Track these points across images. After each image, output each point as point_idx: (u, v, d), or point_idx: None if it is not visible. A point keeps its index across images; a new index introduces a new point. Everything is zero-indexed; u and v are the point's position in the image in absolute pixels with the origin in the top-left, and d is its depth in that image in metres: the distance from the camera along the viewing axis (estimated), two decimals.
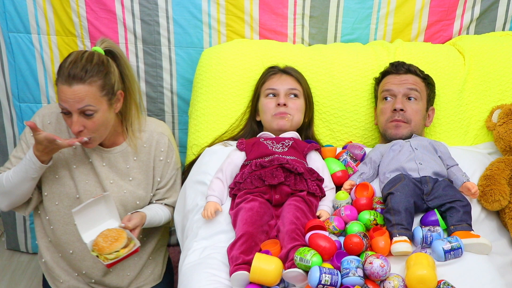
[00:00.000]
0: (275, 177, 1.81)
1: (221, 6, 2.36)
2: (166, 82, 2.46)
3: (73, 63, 1.73)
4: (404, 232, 1.66)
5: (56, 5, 2.31)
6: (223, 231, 1.80)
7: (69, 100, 1.72)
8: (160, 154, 2.02)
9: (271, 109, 2.09)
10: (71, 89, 1.71)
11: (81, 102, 1.73)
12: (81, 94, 1.72)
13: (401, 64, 2.15)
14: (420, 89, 2.10)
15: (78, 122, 1.76)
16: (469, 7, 2.45)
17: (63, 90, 1.72)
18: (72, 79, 1.71)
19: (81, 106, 1.74)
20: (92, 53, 1.79)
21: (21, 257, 2.77)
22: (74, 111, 1.75)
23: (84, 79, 1.72)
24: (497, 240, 1.87)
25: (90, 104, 1.75)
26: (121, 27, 2.36)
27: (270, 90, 2.12)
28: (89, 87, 1.73)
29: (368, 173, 1.94)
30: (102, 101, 1.79)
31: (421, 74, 2.15)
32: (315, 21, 2.42)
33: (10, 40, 2.36)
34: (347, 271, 1.50)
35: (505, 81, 2.31)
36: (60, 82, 1.73)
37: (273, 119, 2.07)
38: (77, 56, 1.76)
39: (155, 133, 2.02)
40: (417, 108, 2.07)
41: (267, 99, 2.12)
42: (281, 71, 2.18)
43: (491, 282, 1.58)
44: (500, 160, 2.03)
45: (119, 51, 1.88)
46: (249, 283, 1.57)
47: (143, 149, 2.00)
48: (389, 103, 2.09)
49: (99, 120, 1.79)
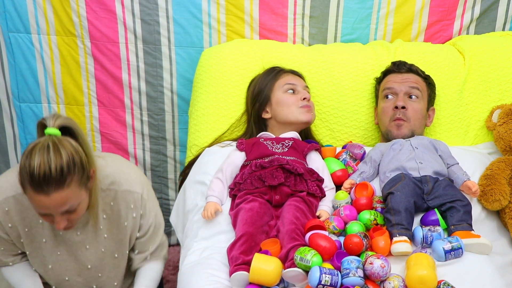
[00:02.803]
0: (275, 178, 1.81)
1: (221, 6, 2.36)
2: (166, 82, 2.46)
3: (43, 166, 1.47)
4: (404, 232, 1.66)
5: (56, 5, 2.31)
6: (223, 232, 1.80)
7: (50, 207, 1.53)
8: (131, 211, 1.81)
9: (296, 102, 2.06)
10: (49, 198, 1.50)
11: (64, 205, 1.54)
12: (63, 199, 1.53)
13: (403, 63, 2.16)
14: (421, 88, 2.10)
15: (62, 220, 1.59)
16: (469, 7, 2.45)
17: (38, 199, 1.50)
18: (47, 187, 1.49)
19: (65, 209, 1.56)
20: (56, 145, 1.50)
21: None
22: (56, 214, 1.57)
23: (62, 183, 1.50)
24: (497, 240, 1.88)
25: (73, 203, 1.57)
26: (121, 26, 2.36)
27: (289, 85, 2.10)
28: (69, 189, 1.53)
29: (368, 172, 1.94)
30: (82, 192, 1.60)
31: (422, 74, 2.15)
32: (315, 21, 2.42)
33: (10, 40, 2.36)
34: (347, 271, 1.50)
35: (505, 81, 2.31)
36: (33, 191, 1.49)
37: (301, 111, 2.06)
38: (43, 155, 1.48)
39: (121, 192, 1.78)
40: (418, 107, 2.07)
41: (286, 94, 2.08)
42: (290, 71, 2.18)
43: (491, 282, 1.58)
44: (500, 160, 2.04)
45: (74, 125, 1.59)
46: (248, 283, 1.57)
47: (111, 206, 1.79)
48: (390, 101, 2.09)
49: (82, 209, 1.64)
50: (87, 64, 2.43)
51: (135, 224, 1.83)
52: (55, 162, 1.48)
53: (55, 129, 1.53)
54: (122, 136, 2.55)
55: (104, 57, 2.41)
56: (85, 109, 2.50)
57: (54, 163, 1.48)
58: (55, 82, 2.44)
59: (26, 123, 2.48)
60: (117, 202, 1.79)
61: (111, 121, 2.53)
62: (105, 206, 1.79)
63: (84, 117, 2.51)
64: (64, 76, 2.44)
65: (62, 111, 2.50)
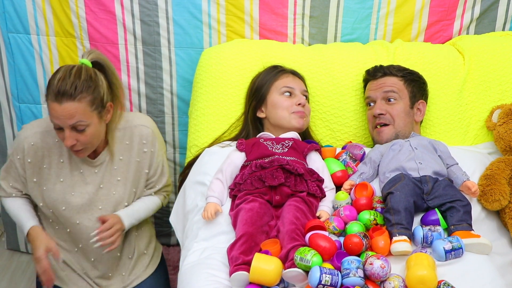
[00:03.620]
0: (275, 178, 1.81)
1: (221, 6, 2.36)
2: (166, 83, 2.46)
3: (62, 80, 1.74)
4: (404, 231, 1.66)
5: (55, 6, 2.31)
6: (223, 232, 1.79)
7: (60, 117, 1.75)
8: (143, 146, 2.03)
9: (290, 106, 2.07)
10: (61, 106, 1.73)
11: (72, 118, 1.75)
12: (72, 111, 1.74)
13: (377, 69, 2.17)
14: (398, 89, 2.09)
15: (70, 136, 1.79)
16: (469, 7, 2.45)
17: (53, 107, 1.74)
18: (61, 97, 1.73)
19: (73, 122, 1.76)
20: (80, 68, 1.79)
21: (21, 257, 2.77)
22: (66, 127, 1.77)
23: (74, 96, 1.74)
24: (497, 240, 1.88)
25: (81, 119, 1.77)
26: (120, 28, 2.36)
27: (287, 88, 2.10)
28: (79, 104, 1.75)
29: (368, 173, 1.94)
30: (93, 116, 1.81)
31: (400, 73, 2.14)
32: (315, 21, 2.42)
33: (9, 41, 2.36)
34: (347, 272, 1.50)
35: (505, 81, 2.31)
36: (50, 99, 1.75)
37: (293, 116, 2.06)
38: (65, 72, 1.76)
39: (135, 127, 2.02)
40: (398, 107, 2.08)
41: (282, 97, 2.09)
42: (291, 72, 2.17)
43: (491, 282, 1.58)
44: (500, 160, 2.04)
45: (106, 62, 1.88)
46: (248, 283, 1.57)
47: (126, 146, 2.01)
48: (371, 109, 2.13)
49: (91, 133, 1.82)
50: None
51: (146, 160, 2.04)
52: (73, 79, 1.74)
53: (87, 60, 1.82)
54: None
55: None
56: None
57: (72, 79, 1.74)
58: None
59: None
60: (132, 139, 2.01)
61: None
62: (122, 146, 2.00)
63: None
64: None
65: None
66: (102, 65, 1.87)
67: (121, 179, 2.02)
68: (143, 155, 2.03)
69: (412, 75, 2.15)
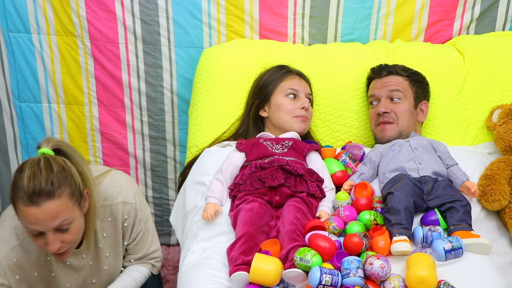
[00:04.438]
0: (275, 179, 1.81)
1: (221, 6, 2.36)
2: (166, 82, 2.46)
3: (33, 178, 1.49)
4: (404, 231, 1.66)
5: (56, 5, 2.31)
6: (223, 233, 1.80)
7: (40, 221, 1.51)
8: (125, 221, 1.83)
9: (293, 110, 2.07)
10: (40, 209, 1.49)
11: (55, 219, 1.53)
12: (54, 211, 1.52)
13: (383, 68, 2.17)
14: (403, 89, 2.10)
15: (55, 240, 1.56)
16: (469, 7, 2.45)
17: (29, 212, 1.50)
18: (38, 198, 1.49)
19: (57, 224, 1.54)
20: (48, 160, 1.54)
21: None
22: (48, 231, 1.55)
23: (52, 194, 1.51)
24: (497, 240, 1.88)
25: (65, 218, 1.55)
26: (121, 27, 2.36)
27: (292, 90, 2.09)
28: (59, 200, 1.52)
29: (367, 173, 1.94)
30: (74, 209, 1.59)
31: (405, 72, 2.14)
32: (315, 21, 2.42)
33: (10, 40, 2.36)
34: (347, 272, 1.50)
35: (505, 81, 2.31)
36: (22, 203, 1.50)
37: (295, 120, 2.06)
38: (33, 168, 1.51)
39: (116, 205, 1.80)
40: (402, 107, 2.08)
41: (287, 99, 2.08)
42: (297, 74, 2.17)
43: (491, 282, 1.58)
44: (500, 160, 2.04)
45: (68, 148, 1.63)
46: (248, 284, 1.57)
47: (109, 223, 1.81)
48: (375, 108, 2.13)
49: (75, 230, 1.61)
50: (87, 64, 2.43)
51: (125, 232, 1.85)
52: (46, 174, 1.51)
53: (48, 149, 1.57)
54: (122, 136, 2.55)
55: (104, 57, 2.41)
56: (85, 108, 2.50)
57: (45, 174, 1.51)
58: (55, 82, 2.44)
59: (26, 123, 2.48)
60: (114, 216, 1.80)
61: (111, 121, 2.53)
62: (103, 224, 1.80)
63: (84, 117, 2.51)
64: (64, 76, 2.44)
65: (62, 111, 2.50)
66: (65, 151, 1.61)
67: (110, 254, 1.86)
68: (124, 228, 1.84)
69: (416, 75, 2.16)
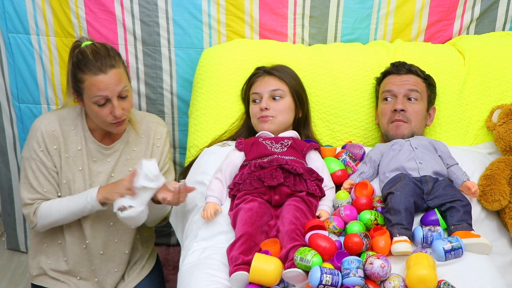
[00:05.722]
0: (274, 178, 1.80)
1: (221, 6, 2.36)
2: (166, 84, 2.46)
3: (96, 53, 1.81)
4: (404, 232, 1.66)
5: (55, 6, 2.31)
6: (223, 232, 1.80)
7: (110, 86, 1.80)
8: (157, 141, 2.06)
9: (256, 113, 2.10)
10: (108, 75, 1.80)
11: (120, 84, 1.83)
12: (118, 76, 1.82)
13: (402, 65, 2.15)
14: (420, 90, 2.09)
15: (119, 105, 1.84)
16: (469, 7, 2.45)
17: (99, 80, 1.79)
18: (105, 67, 1.80)
19: (121, 88, 1.83)
20: (97, 43, 1.86)
21: (21, 257, 2.76)
22: (114, 96, 1.82)
23: (114, 64, 1.82)
24: (497, 240, 1.88)
25: (125, 84, 1.86)
26: (120, 28, 2.36)
27: (254, 95, 2.13)
28: (119, 69, 1.84)
29: (368, 172, 1.94)
30: (128, 83, 1.90)
31: (422, 74, 2.15)
32: (315, 21, 2.42)
33: (9, 41, 2.36)
34: (347, 272, 1.50)
35: (505, 81, 2.31)
36: (93, 74, 1.79)
37: (258, 123, 2.09)
38: (93, 47, 1.83)
39: (152, 123, 2.07)
40: (417, 108, 2.07)
41: (253, 105, 2.13)
42: (266, 72, 2.17)
43: (491, 282, 1.58)
44: (500, 160, 2.03)
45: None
46: (248, 283, 1.57)
47: (141, 139, 2.05)
48: (389, 104, 2.09)
49: (130, 99, 1.91)
50: None
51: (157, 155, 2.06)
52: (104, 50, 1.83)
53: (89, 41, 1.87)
54: None
55: None
56: None
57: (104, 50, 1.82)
58: (54, 83, 2.44)
59: (25, 124, 2.48)
60: (148, 133, 2.06)
61: None
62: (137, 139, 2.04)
63: None
64: (63, 78, 2.43)
65: None
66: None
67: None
68: (155, 149, 2.06)
69: (430, 79, 2.17)
